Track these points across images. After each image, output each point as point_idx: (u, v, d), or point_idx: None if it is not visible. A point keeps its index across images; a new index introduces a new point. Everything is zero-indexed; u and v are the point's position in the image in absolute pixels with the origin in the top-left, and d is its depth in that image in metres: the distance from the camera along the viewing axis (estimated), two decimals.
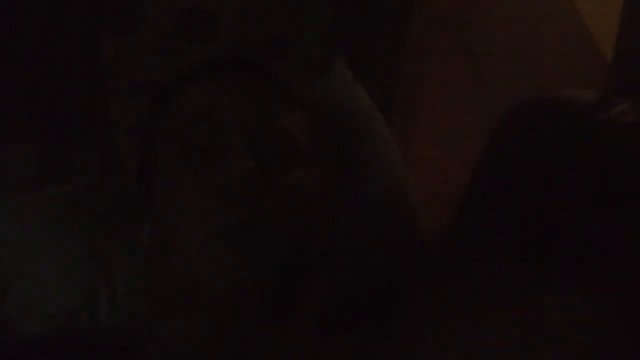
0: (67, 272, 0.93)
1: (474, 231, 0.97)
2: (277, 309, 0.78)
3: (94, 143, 1.42)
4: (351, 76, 1.13)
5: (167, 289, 0.80)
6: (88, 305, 0.92)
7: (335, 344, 0.82)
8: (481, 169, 1.00)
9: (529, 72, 1.46)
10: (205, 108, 0.81)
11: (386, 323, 0.86)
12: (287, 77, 0.87)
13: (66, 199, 1.00)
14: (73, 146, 1.42)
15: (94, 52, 1.41)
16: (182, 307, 0.79)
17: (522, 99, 1.00)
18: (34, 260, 0.93)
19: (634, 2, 1.28)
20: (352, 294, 1.00)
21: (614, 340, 0.84)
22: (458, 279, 0.97)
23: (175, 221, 0.77)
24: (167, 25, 1.44)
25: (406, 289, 1.03)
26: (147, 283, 0.86)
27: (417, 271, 1.05)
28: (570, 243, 0.89)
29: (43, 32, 1.40)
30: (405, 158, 1.10)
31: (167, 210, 0.78)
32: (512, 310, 0.90)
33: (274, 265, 0.75)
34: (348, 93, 1.10)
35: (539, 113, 0.97)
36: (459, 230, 1.00)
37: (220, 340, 0.78)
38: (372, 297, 1.01)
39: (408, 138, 1.39)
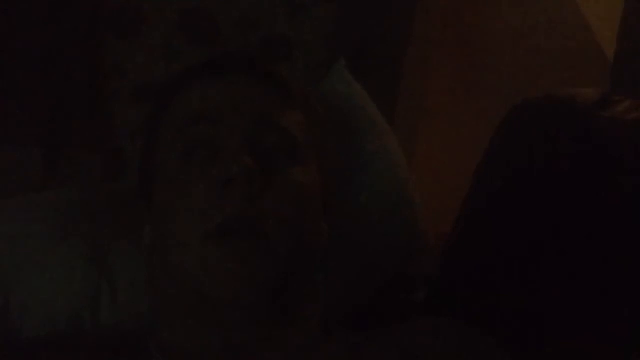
0: (70, 274, 0.93)
1: (477, 231, 0.97)
2: (276, 309, 0.78)
3: (96, 144, 1.42)
4: (352, 77, 1.13)
5: (168, 288, 0.80)
6: (90, 307, 0.92)
7: (335, 344, 0.81)
8: (484, 168, 1.00)
9: (532, 72, 1.46)
10: (205, 107, 0.81)
11: (387, 324, 0.85)
12: (287, 77, 0.87)
13: (69, 201, 0.99)
14: (76, 148, 1.42)
15: (97, 54, 1.41)
16: (183, 307, 0.79)
17: (525, 97, 1.00)
18: (37, 262, 0.93)
19: (634, 2, 1.28)
20: (353, 294, 1.00)
21: None
22: (459, 280, 0.97)
23: (176, 220, 0.77)
24: (169, 26, 1.44)
25: (408, 289, 1.03)
26: (148, 283, 0.86)
27: (419, 272, 1.04)
28: (575, 244, 0.89)
29: (46, 35, 1.40)
30: (407, 158, 1.10)
31: (168, 209, 0.78)
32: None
33: (274, 264, 0.75)
34: (349, 93, 1.10)
35: (542, 111, 0.97)
36: (462, 229, 1.00)
37: (221, 340, 0.77)
38: (373, 297, 1.01)
39: (410, 138, 1.39)
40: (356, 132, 1.06)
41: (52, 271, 0.92)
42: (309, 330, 0.81)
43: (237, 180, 0.74)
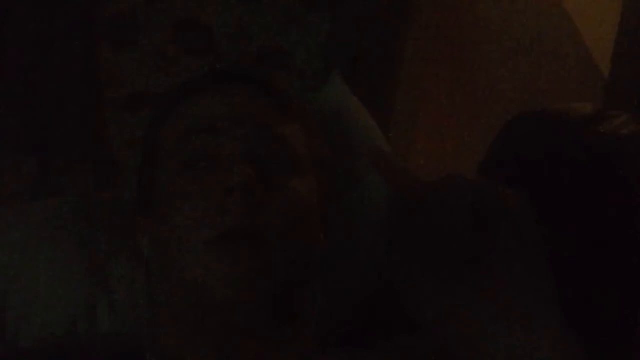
0: (66, 283, 0.93)
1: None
2: (275, 319, 0.78)
3: (90, 153, 1.42)
4: (348, 89, 1.13)
5: (168, 295, 0.80)
6: (87, 316, 0.92)
7: (331, 356, 0.82)
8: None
9: (528, 85, 1.47)
10: (206, 118, 0.82)
11: (384, 335, 0.86)
12: (285, 88, 0.88)
13: (65, 210, 0.99)
14: (69, 157, 1.42)
15: (92, 63, 1.42)
16: (181, 313, 0.79)
17: (520, 111, 1.00)
18: (33, 271, 0.93)
19: (629, 20, 1.30)
20: (349, 305, 1.00)
21: None
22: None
23: (177, 228, 0.77)
24: (164, 37, 1.44)
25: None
26: (147, 292, 0.86)
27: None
28: (571, 254, 0.90)
29: (41, 45, 1.40)
30: None
31: (168, 219, 0.79)
32: None
33: (273, 271, 0.75)
34: (344, 105, 1.11)
35: (537, 125, 0.97)
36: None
37: (219, 350, 0.78)
38: (369, 308, 1.01)
39: (406, 150, 1.40)
40: (349, 143, 1.07)
41: (49, 281, 0.92)
42: (306, 340, 0.81)
43: (237, 190, 0.75)
